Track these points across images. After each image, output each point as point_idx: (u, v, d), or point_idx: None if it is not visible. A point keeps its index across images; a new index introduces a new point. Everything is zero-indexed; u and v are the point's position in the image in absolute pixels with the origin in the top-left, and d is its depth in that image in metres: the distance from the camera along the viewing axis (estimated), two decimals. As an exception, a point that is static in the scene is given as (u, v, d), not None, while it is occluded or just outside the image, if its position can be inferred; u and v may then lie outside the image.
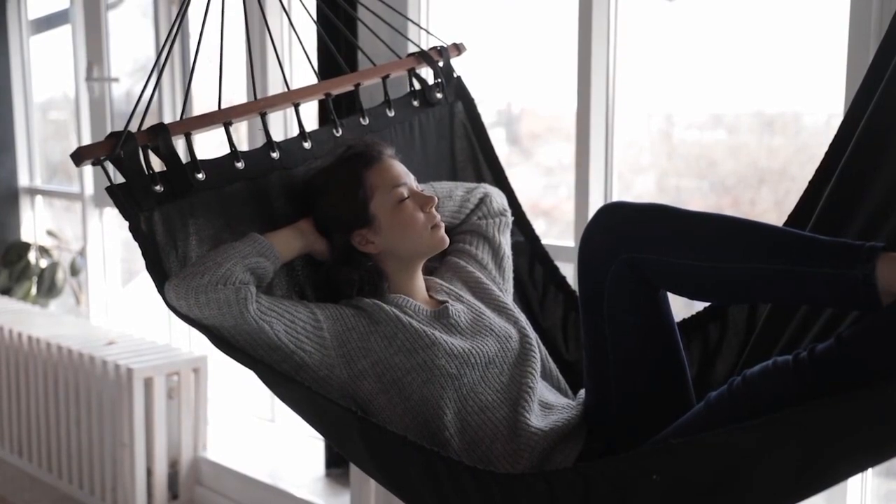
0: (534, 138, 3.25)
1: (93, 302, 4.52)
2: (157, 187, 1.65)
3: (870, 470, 2.19)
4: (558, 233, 2.97)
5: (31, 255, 4.74)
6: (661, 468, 1.29)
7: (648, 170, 2.82)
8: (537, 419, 1.64)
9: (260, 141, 1.85)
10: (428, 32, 2.20)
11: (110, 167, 1.64)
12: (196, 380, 3.52)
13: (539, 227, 2.14)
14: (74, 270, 4.66)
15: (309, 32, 2.67)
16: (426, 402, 1.63)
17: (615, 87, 2.53)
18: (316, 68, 1.98)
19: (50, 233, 4.89)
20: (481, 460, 1.59)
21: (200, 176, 1.70)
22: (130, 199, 1.63)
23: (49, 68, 4.91)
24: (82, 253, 4.57)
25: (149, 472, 3.44)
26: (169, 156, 1.67)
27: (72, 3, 4.40)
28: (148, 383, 3.39)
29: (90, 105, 4.33)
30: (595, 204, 2.54)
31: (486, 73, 3.00)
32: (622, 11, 2.51)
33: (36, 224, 4.95)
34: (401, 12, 2.19)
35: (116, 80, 4.23)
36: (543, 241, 2.49)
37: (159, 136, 1.66)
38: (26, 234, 4.91)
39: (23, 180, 4.92)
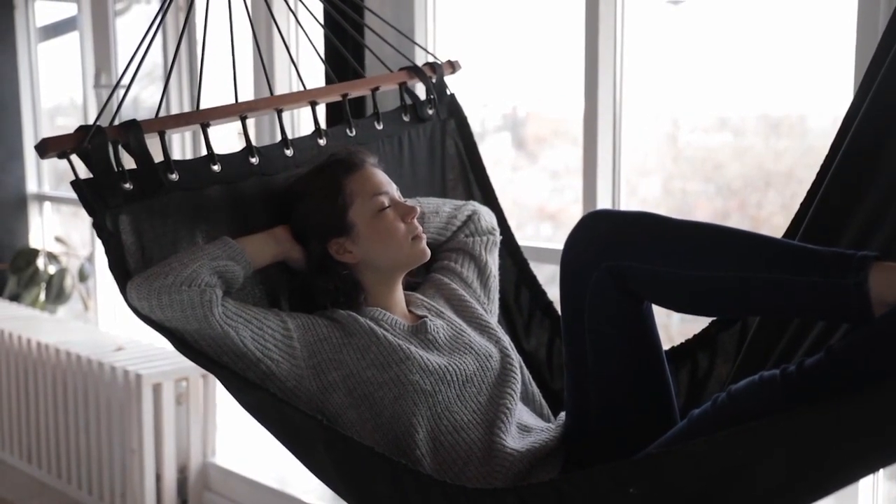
0: (540, 142, 3.24)
1: (101, 308, 4.53)
2: (127, 185, 1.59)
3: (881, 473, 2.17)
4: (564, 237, 2.95)
5: (40, 262, 4.75)
6: (639, 481, 1.23)
7: (654, 173, 2.82)
8: (514, 441, 1.58)
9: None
10: (432, 55, 2.16)
11: (79, 163, 1.59)
12: (205, 385, 3.52)
13: (545, 230, 2.12)
14: (83, 276, 4.67)
15: (314, 41, 2.67)
16: (397, 419, 1.57)
17: (622, 90, 2.53)
18: (300, 75, 1.95)
19: (58, 239, 4.90)
20: (454, 481, 1.52)
21: (173, 177, 1.65)
22: (96, 195, 1.57)
23: (57, 75, 4.92)
24: (90, 259, 4.57)
25: (158, 478, 3.44)
26: (140, 153, 1.61)
27: (79, 10, 4.42)
28: (157, 389, 3.39)
29: (98, 111, 4.34)
30: (603, 207, 2.54)
31: (492, 77, 3.00)
32: (628, 15, 2.50)
33: (44, 230, 4.95)
34: (407, 36, 2.16)
35: (124, 86, 4.23)
36: (549, 246, 2.48)
37: (131, 133, 1.61)
38: (34, 241, 4.92)
39: (31, 187, 4.93)
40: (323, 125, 1.89)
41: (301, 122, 3.38)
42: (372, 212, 1.70)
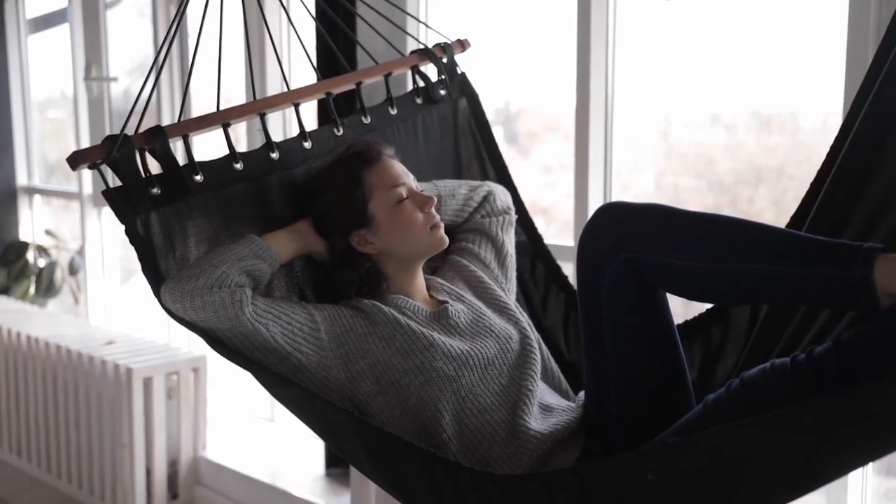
0: (532, 137, 3.25)
1: (91, 301, 4.52)
2: (154, 190, 1.64)
3: (870, 468, 2.19)
4: (556, 232, 2.97)
5: (30, 255, 4.74)
6: (657, 468, 1.29)
7: (646, 169, 2.82)
8: (536, 422, 1.63)
9: (259, 141, 1.84)
10: (427, 26, 2.18)
11: (107, 170, 1.63)
12: (195, 379, 3.52)
13: (538, 225, 2.13)
14: (73, 270, 4.65)
15: (308, 30, 2.67)
16: (424, 404, 1.62)
17: (614, 85, 2.53)
18: (316, 67, 1.96)
19: (48, 232, 4.89)
20: (479, 463, 1.59)
21: (198, 178, 1.69)
22: (127, 203, 1.62)
23: (47, 67, 4.90)
24: (81, 252, 4.56)
25: (148, 472, 3.44)
26: (166, 158, 1.66)
27: (70, 2, 4.40)
28: (147, 383, 3.38)
29: (88, 104, 4.32)
30: (594, 203, 2.54)
31: (484, 72, 3.00)
32: (621, 11, 2.51)
33: (34, 223, 4.94)
34: (400, 7, 2.18)
35: (115, 79, 4.22)
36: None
37: (156, 139, 1.65)
38: (24, 234, 4.91)
39: (21, 179, 4.91)
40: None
41: (291, 119, 3.37)
42: (391, 204, 1.74)
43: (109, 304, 4.49)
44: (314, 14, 2.10)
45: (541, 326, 2.02)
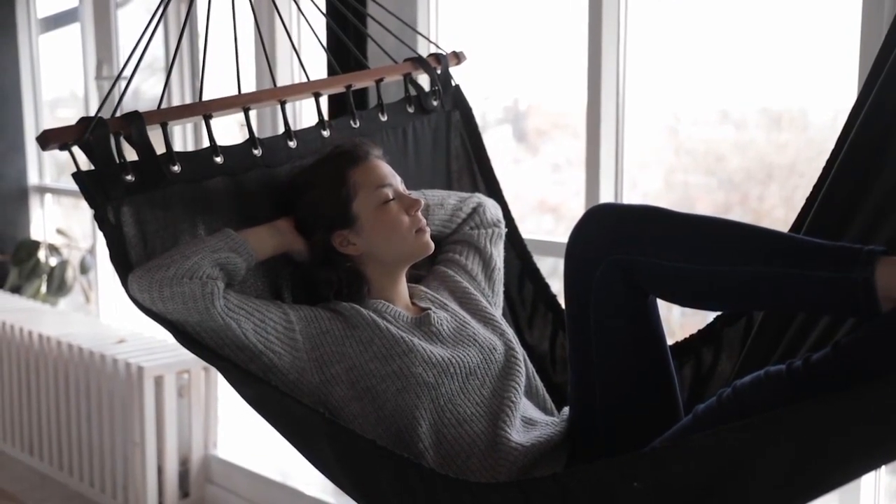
0: (541, 135, 3.24)
1: (102, 300, 4.53)
2: (128, 177, 1.60)
3: (883, 467, 2.17)
4: (565, 230, 2.96)
5: (41, 254, 4.75)
6: (643, 475, 1.23)
7: (656, 166, 2.81)
8: (518, 434, 1.57)
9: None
10: (437, 45, 2.15)
11: (80, 154, 1.59)
12: (207, 378, 3.53)
13: (546, 223, 2.12)
14: (84, 268, 4.67)
15: (315, 31, 2.66)
16: (400, 412, 1.56)
17: (625, 82, 2.52)
18: (306, 69, 1.94)
19: (59, 231, 4.90)
20: (456, 475, 1.52)
21: (175, 168, 1.65)
22: (98, 188, 1.57)
23: (58, 66, 4.92)
24: (92, 251, 4.58)
25: (159, 471, 3.45)
26: (142, 145, 1.62)
27: (81, 1, 4.41)
28: (158, 381, 3.39)
29: (99, 103, 4.33)
30: (605, 200, 2.53)
31: (493, 70, 3.00)
32: (631, 8, 2.50)
33: (45, 222, 4.95)
34: (410, 25, 2.15)
35: (126, 78, 4.23)
36: (551, 239, 2.47)
37: (132, 124, 1.61)
38: (36, 233, 4.92)
39: (32, 178, 4.93)
40: (325, 116, 1.89)
41: (303, 113, 3.37)
42: (375, 204, 1.69)
43: (120, 303, 4.50)
44: (321, 18, 2.08)
45: (527, 346, 1.96)
